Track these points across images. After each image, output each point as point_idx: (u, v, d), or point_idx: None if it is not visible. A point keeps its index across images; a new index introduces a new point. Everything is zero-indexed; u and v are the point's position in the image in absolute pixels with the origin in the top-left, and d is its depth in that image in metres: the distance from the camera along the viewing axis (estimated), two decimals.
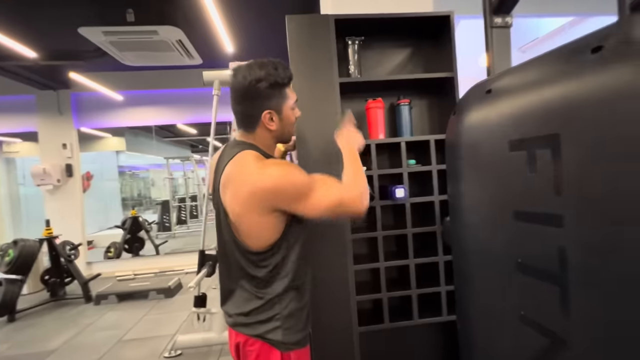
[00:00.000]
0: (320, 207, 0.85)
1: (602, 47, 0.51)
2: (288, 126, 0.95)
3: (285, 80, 0.90)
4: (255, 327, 0.88)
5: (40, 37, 3.14)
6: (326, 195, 0.85)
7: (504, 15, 1.04)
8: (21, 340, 2.79)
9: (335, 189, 0.88)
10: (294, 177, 0.84)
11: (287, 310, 0.89)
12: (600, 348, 0.52)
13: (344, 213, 0.91)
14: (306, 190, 0.83)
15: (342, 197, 0.87)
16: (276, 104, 0.90)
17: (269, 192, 0.82)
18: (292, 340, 0.89)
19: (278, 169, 0.84)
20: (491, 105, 0.77)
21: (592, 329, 0.54)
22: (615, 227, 0.49)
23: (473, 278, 0.86)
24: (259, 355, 0.87)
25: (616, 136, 0.48)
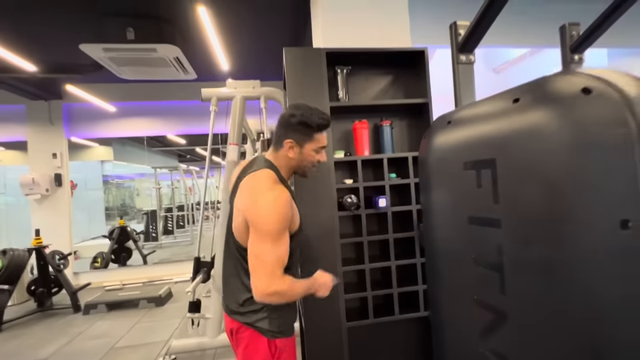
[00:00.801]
0: (251, 244, 0.96)
1: (519, 99, 0.72)
2: (306, 162, 1.08)
3: (314, 125, 1.05)
4: (247, 315, 1.03)
5: (41, 51, 3.24)
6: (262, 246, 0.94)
7: (468, 53, 1.27)
8: (9, 351, 2.78)
9: (272, 263, 0.93)
10: (267, 216, 0.94)
11: (270, 305, 1.02)
12: (528, 316, 0.72)
13: (252, 270, 0.96)
14: (260, 226, 0.94)
15: (261, 258, 0.93)
16: (300, 139, 1.06)
17: (250, 210, 0.98)
18: (278, 329, 1.03)
19: (268, 200, 0.96)
20: (451, 133, 0.98)
21: (521, 302, 0.73)
22: (530, 226, 0.69)
23: (441, 271, 1.05)
24: (250, 341, 1.03)
25: (526, 161, 0.69)
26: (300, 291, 1.01)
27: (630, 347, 0.56)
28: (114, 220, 7.29)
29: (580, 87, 0.60)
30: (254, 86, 2.62)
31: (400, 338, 1.63)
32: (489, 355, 0.85)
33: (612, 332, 0.57)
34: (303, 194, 1.47)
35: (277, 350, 1.03)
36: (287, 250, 0.98)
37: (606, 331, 0.57)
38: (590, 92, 0.58)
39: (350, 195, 1.56)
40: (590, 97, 0.58)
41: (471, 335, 0.92)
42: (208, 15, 2.80)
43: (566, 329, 0.63)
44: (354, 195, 1.57)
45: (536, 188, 0.67)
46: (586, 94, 0.59)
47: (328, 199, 1.49)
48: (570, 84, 0.62)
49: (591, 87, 0.59)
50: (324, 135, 1.09)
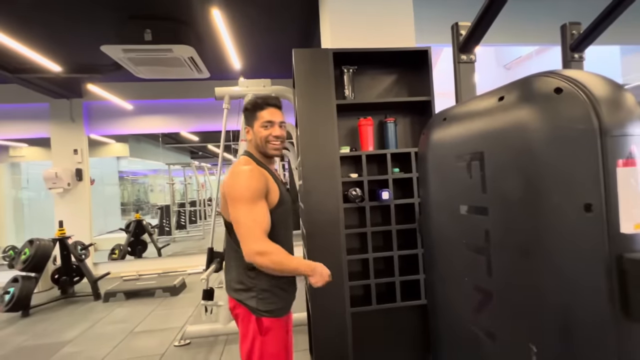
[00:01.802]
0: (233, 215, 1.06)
1: (504, 97, 0.79)
2: (259, 140, 1.18)
3: (250, 105, 1.21)
4: (239, 293, 1.15)
5: (66, 53, 3.42)
6: (241, 213, 1.04)
7: (469, 53, 1.33)
8: (38, 333, 2.99)
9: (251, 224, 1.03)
10: (240, 187, 1.07)
11: (263, 284, 1.12)
12: (509, 295, 0.80)
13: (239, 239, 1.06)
14: (236, 196, 1.07)
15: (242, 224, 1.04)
16: (249, 122, 1.22)
17: (225, 185, 1.12)
18: (265, 309, 1.12)
19: (240, 173, 1.10)
20: (446, 129, 1.06)
21: (504, 282, 0.81)
22: (511, 212, 0.77)
23: (436, 257, 1.14)
24: (243, 317, 1.15)
25: (508, 154, 0.76)
26: (293, 263, 1.07)
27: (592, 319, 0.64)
28: (129, 215, 7.57)
29: (553, 87, 0.67)
30: (264, 85, 2.73)
31: (401, 324, 1.72)
32: (479, 333, 0.94)
33: (577, 305, 0.65)
34: (310, 186, 1.57)
35: (264, 328, 1.12)
36: (265, 216, 1.08)
37: (569, 304, 0.65)
38: (562, 91, 0.66)
39: (355, 189, 1.65)
40: (561, 96, 0.66)
41: (463, 316, 1.01)
42: (222, 17, 2.92)
43: (539, 303, 0.70)
44: (359, 189, 1.65)
45: (515, 177, 0.75)
46: (558, 93, 0.66)
47: (334, 191, 1.59)
48: (545, 84, 0.69)
49: (562, 87, 0.66)
50: (266, 111, 1.19)
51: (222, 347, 2.53)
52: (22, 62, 3.43)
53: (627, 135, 0.60)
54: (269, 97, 1.22)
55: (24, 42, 3.07)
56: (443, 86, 1.96)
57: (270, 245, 1.05)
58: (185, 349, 2.53)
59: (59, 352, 2.59)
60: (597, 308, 0.62)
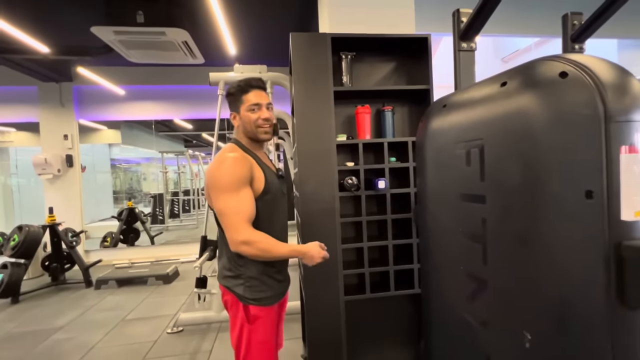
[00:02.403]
0: (216, 205, 1.05)
1: (506, 83, 0.78)
2: (247, 124, 1.15)
3: (238, 88, 1.16)
4: (227, 280, 1.14)
5: (54, 33, 3.30)
6: (225, 204, 1.03)
7: (469, 41, 1.31)
8: (28, 319, 2.96)
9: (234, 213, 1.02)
10: (222, 175, 1.05)
11: (250, 272, 1.12)
12: (505, 283, 0.79)
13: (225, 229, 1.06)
14: (219, 186, 1.04)
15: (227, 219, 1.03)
16: (234, 107, 1.18)
17: (208, 173, 1.10)
18: (252, 297, 1.11)
19: (223, 161, 1.07)
20: (446, 116, 1.04)
21: (499, 270, 0.81)
22: (510, 199, 0.76)
23: (432, 245, 1.13)
24: (232, 304, 1.15)
25: (509, 140, 0.75)
26: (282, 249, 1.07)
27: (589, 307, 0.64)
28: (122, 203, 7.49)
29: (558, 71, 0.65)
30: (260, 71, 2.67)
31: (394, 312, 1.73)
32: (472, 321, 0.94)
33: (574, 293, 0.65)
34: (306, 175, 1.55)
35: (251, 317, 1.11)
36: (249, 204, 1.06)
37: (570, 292, 0.65)
38: (567, 75, 0.64)
39: (351, 177, 1.63)
40: (566, 80, 0.64)
41: (457, 304, 1.01)
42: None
43: (536, 291, 0.70)
44: (355, 177, 1.64)
45: (516, 164, 0.74)
46: (563, 77, 0.65)
47: (330, 179, 1.57)
48: (550, 68, 0.67)
49: (568, 71, 0.64)
50: (251, 94, 1.15)
51: (215, 334, 2.53)
52: (7, 41, 3.30)
53: (632, 121, 0.59)
54: (252, 79, 1.18)
55: (10, 21, 2.95)
56: (440, 78, 1.93)
57: (254, 233, 1.04)
58: (178, 336, 2.53)
59: (49, 338, 2.57)
60: (593, 295, 0.62)
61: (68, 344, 2.47)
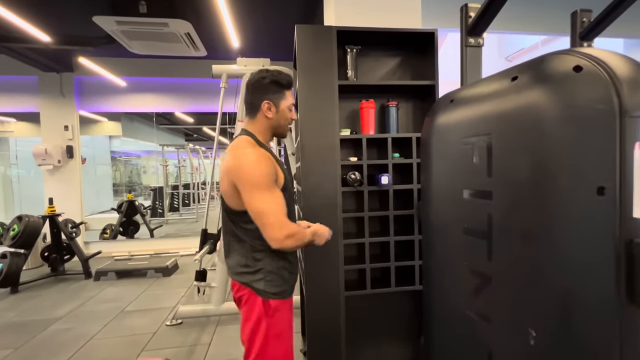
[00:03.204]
0: (251, 205, 1.02)
1: (517, 77, 0.76)
2: (282, 120, 1.15)
3: (284, 82, 1.14)
4: (244, 276, 1.13)
5: (55, 22, 3.27)
6: (262, 202, 1.01)
7: (477, 36, 1.29)
8: (27, 309, 2.96)
9: (273, 209, 1.01)
10: (256, 169, 1.02)
11: (269, 267, 1.12)
12: (510, 279, 0.79)
13: (262, 228, 1.03)
14: (255, 184, 1.02)
15: (267, 214, 1.01)
16: (274, 98, 1.13)
17: (234, 169, 1.05)
18: (272, 290, 1.11)
19: (250, 157, 1.04)
20: (453, 111, 1.03)
21: (505, 267, 0.80)
22: (517, 195, 0.75)
23: (435, 242, 1.12)
24: (248, 299, 1.13)
25: (518, 135, 0.74)
26: (308, 236, 1.10)
27: (598, 305, 0.63)
28: (121, 195, 7.48)
29: (572, 65, 0.64)
30: (263, 64, 2.65)
31: (395, 309, 1.73)
32: (474, 316, 0.93)
33: (583, 291, 0.64)
34: (309, 169, 1.54)
35: (270, 310, 1.11)
36: (283, 201, 1.06)
37: (578, 290, 0.64)
38: (581, 70, 0.63)
39: (354, 172, 1.62)
40: (580, 74, 0.63)
41: (458, 299, 1.00)
42: None
43: (542, 287, 0.69)
44: (358, 172, 1.63)
45: (526, 160, 0.72)
46: (577, 71, 0.63)
47: (332, 174, 1.56)
48: (564, 62, 0.66)
49: (582, 65, 0.63)
50: (290, 92, 1.17)
51: (214, 327, 2.54)
52: (8, 30, 3.27)
53: None
54: (288, 75, 1.18)
55: (11, 9, 2.92)
56: (444, 75, 1.91)
57: (293, 226, 1.06)
58: (176, 328, 2.54)
59: (48, 328, 2.58)
60: (602, 293, 0.61)
61: (67, 334, 2.48)
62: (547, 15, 2.83)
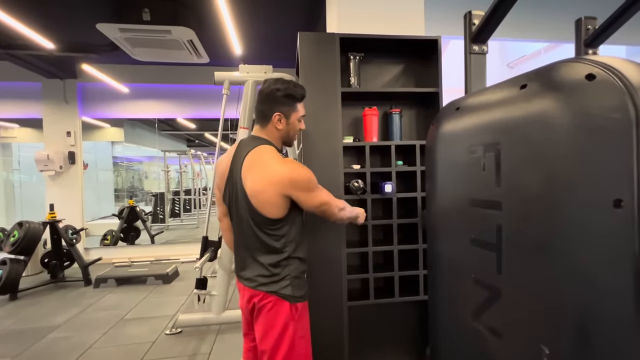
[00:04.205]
0: (315, 201, 1.15)
1: (526, 85, 0.74)
2: (292, 131, 1.20)
3: (298, 95, 1.17)
4: (271, 285, 1.13)
5: (59, 29, 3.30)
6: (322, 195, 1.17)
7: (481, 44, 1.28)
8: (25, 317, 2.93)
9: (328, 195, 1.20)
10: (308, 174, 1.13)
11: (295, 272, 1.16)
12: (521, 292, 0.76)
13: (325, 213, 1.21)
14: (312, 185, 1.14)
15: (330, 201, 1.20)
16: (286, 110, 1.16)
17: (287, 180, 1.08)
18: (299, 294, 1.16)
19: (297, 166, 1.14)
20: (459, 119, 1.01)
21: (515, 280, 0.78)
22: (528, 207, 0.73)
23: (441, 252, 1.10)
24: (273, 306, 1.13)
25: (529, 145, 0.72)
26: (354, 212, 1.30)
27: (616, 323, 0.60)
28: (123, 201, 7.47)
29: (585, 73, 0.62)
30: (265, 71, 2.65)
31: (399, 319, 1.69)
32: (483, 330, 0.90)
33: (600, 308, 0.61)
34: None
35: (297, 312, 1.16)
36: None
37: (594, 306, 0.61)
38: (594, 78, 0.61)
39: (357, 180, 1.60)
40: (593, 83, 0.61)
41: (466, 312, 0.97)
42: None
43: (556, 303, 0.67)
44: (361, 180, 1.61)
45: (537, 171, 0.70)
46: (590, 80, 0.61)
47: (335, 182, 1.54)
48: (575, 70, 0.64)
49: (595, 73, 0.61)
50: (302, 105, 1.20)
51: (214, 336, 2.49)
52: (12, 37, 3.30)
53: None
54: (304, 89, 1.21)
55: (16, 16, 2.94)
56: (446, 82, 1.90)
57: (341, 201, 1.25)
58: (176, 337, 2.50)
59: (46, 336, 2.54)
60: (619, 310, 0.59)
61: (64, 343, 2.44)
62: (549, 22, 2.83)
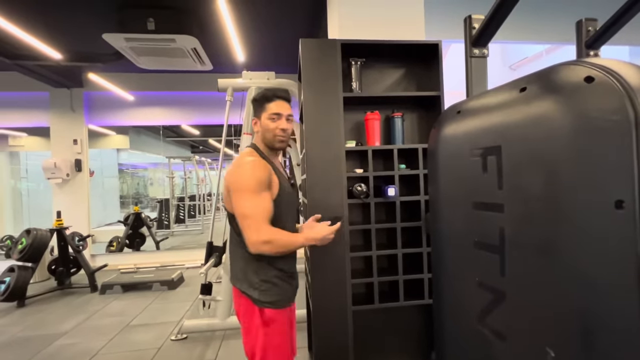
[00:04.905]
0: (237, 210, 1.08)
1: (526, 88, 0.75)
2: (266, 132, 1.19)
3: (259, 97, 1.21)
4: (241, 284, 1.16)
5: (66, 40, 3.37)
6: (245, 206, 1.06)
7: (481, 47, 1.29)
8: (33, 324, 2.95)
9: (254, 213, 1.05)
10: (244, 178, 1.08)
11: (263, 275, 1.14)
12: (525, 295, 0.76)
13: (243, 232, 1.07)
14: (242, 193, 1.07)
15: (250, 222, 1.05)
16: (257, 112, 1.22)
17: (228, 175, 1.14)
18: (266, 300, 1.13)
19: (243, 164, 1.12)
20: (460, 123, 1.01)
21: (519, 282, 0.77)
22: (530, 209, 0.73)
23: (445, 255, 1.09)
24: (246, 307, 1.15)
25: (530, 147, 0.72)
26: (297, 241, 1.11)
27: (620, 324, 0.60)
28: (128, 207, 7.53)
29: (583, 76, 0.63)
30: (268, 77, 2.68)
31: (404, 323, 1.68)
32: (487, 333, 0.90)
33: (603, 309, 0.61)
34: (314, 181, 1.53)
35: (266, 320, 1.13)
36: (269, 206, 1.10)
37: (595, 307, 0.61)
38: (593, 80, 0.62)
39: (360, 184, 1.61)
40: (592, 85, 0.61)
41: (471, 316, 0.97)
42: (227, 6, 2.86)
43: (560, 305, 0.66)
44: (364, 184, 1.61)
45: (538, 173, 0.71)
46: (589, 82, 0.62)
47: (338, 186, 1.54)
48: (574, 73, 0.65)
49: (594, 75, 0.62)
50: (274, 103, 1.19)
51: (219, 342, 2.49)
52: (21, 48, 3.38)
53: None
54: (278, 90, 1.22)
55: (24, 28, 3.01)
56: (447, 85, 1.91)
57: (273, 232, 1.08)
58: (181, 343, 2.50)
59: (53, 343, 2.56)
60: (623, 312, 0.58)
61: (71, 349, 2.45)
62: (549, 24, 2.83)
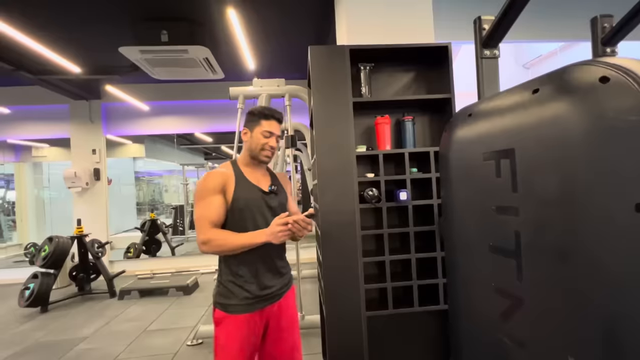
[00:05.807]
0: (195, 214, 1.21)
1: (539, 89, 0.74)
2: (255, 144, 1.27)
3: (256, 111, 1.30)
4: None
5: (85, 55, 3.51)
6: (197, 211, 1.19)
7: (492, 48, 1.27)
8: (55, 328, 3.05)
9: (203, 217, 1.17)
10: (197, 188, 1.22)
11: (222, 278, 1.24)
12: (543, 300, 0.74)
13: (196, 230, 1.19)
14: (195, 201, 1.22)
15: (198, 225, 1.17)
16: (250, 124, 1.29)
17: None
18: (218, 300, 1.21)
19: (203, 179, 1.22)
20: (472, 126, 1.00)
21: (537, 287, 0.76)
22: (547, 212, 0.71)
23: (459, 260, 1.08)
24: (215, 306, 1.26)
25: (545, 150, 0.71)
26: (239, 241, 1.16)
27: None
28: (145, 214, 7.71)
29: (598, 76, 0.61)
30: (278, 84, 2.71)
31: (419, 329, 1.65)
32: (506, 340, 0.88)
33: (625, 313, 0.59)
34: (326, 186, 1.54)
35: (216, 319, 1.21)
36: (214, 210, 1.18)
37: (620, 312, 0.59)
38: (608, 80, 0.60)
39: (372, 189, 1.60)
40: (607, 85, 0.60)
41: (488, 322, 0.94)
42: (237, 17, 2.93)
43: (580, 311, 0.64)
44: (375, 189, 1.61)
45: (553, 175, 0.69)
46: (604, 82, 0.60)
47: (349, 191, 1.54)
48: (588, 73, 0.63)
49: (609, 75, 0.60)
50: (269, 122, 1.28)
51: None
52: (43, 63, 3.54)
53: None
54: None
55: (45, 44, 3.16)
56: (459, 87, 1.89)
57: (212, 232, 1.16)
58: (197, 348, 2.53)
59: (74, 348, 2.63)
60: None
61: (92, 354, 2.52)
62: (562, 22, 2.77)
